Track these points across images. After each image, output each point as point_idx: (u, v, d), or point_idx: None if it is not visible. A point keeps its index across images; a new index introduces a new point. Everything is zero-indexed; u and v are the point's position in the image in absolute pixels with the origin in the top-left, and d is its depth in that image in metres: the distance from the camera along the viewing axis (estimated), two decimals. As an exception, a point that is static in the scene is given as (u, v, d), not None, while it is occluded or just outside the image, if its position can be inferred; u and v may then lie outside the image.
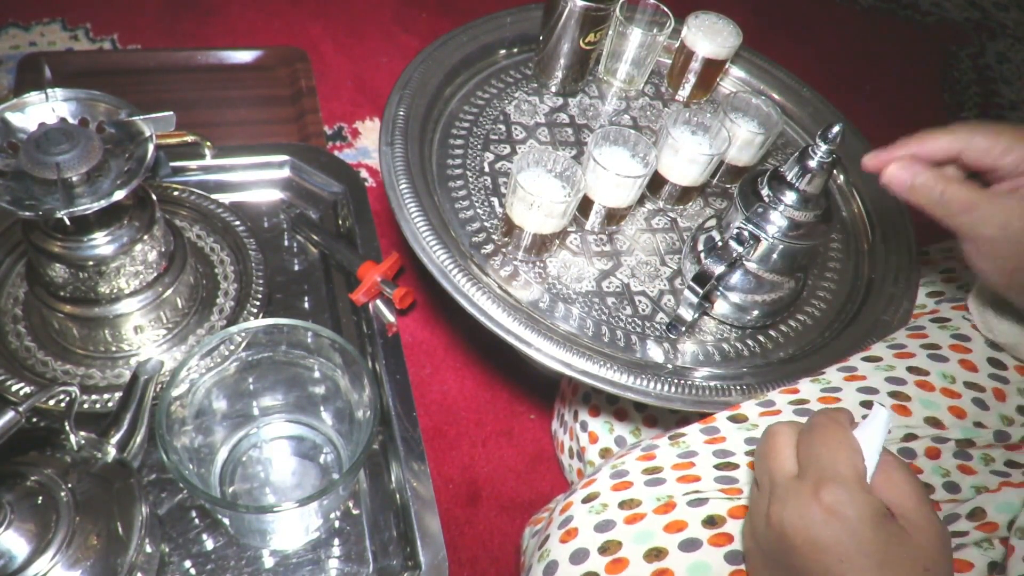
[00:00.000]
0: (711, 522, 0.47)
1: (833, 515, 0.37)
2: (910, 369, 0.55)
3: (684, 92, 0.82)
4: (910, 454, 0.51)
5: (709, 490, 0.50)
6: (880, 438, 0.40)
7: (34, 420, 0.63)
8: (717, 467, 0.51)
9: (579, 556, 0.47)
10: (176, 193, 0.78)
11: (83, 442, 0.53)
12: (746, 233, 0.58)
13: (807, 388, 0.55)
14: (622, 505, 0.49)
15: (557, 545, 0.49)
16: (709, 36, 0.77)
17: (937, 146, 0.49)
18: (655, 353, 0.62)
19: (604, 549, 0.47)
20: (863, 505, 0.37)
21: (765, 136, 0.70)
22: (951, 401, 0.53)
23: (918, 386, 0.54)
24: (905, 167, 0.49)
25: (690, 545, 0.46)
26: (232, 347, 0.60)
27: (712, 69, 0.79)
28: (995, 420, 0.53)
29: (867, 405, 0.53)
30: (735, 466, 0.51)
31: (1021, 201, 0.46)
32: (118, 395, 0.61)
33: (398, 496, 0.67)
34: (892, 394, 0.53)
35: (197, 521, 0.63)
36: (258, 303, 0.72)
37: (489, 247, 0.65)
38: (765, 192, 0.58)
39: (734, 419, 0.54)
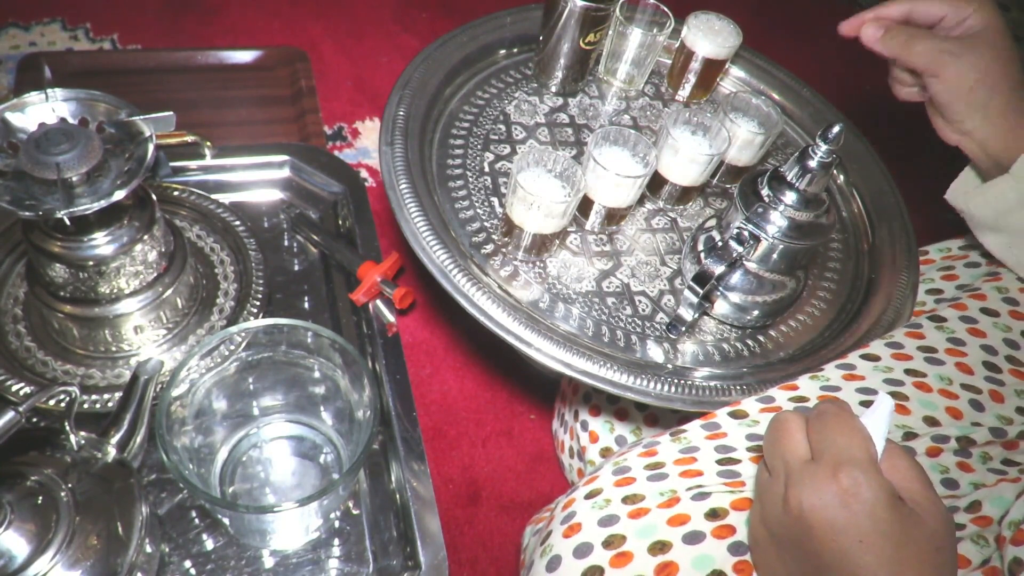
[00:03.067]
0: (714, 515, 0.48)
1: (852, 497, 0.38)
2: (908, 371, 0.56)
3: (684, 92, 0.82)
4: (910, 452, 0.51)
5: (712, 484, 0.50)
6: (885, 426, 0.41)
7: (34, 420, 0.63)
8: (719, 462, 0.51)
9: (583, 550, 0.47)
10: (176, 193, 0.78)
11: (83, 442, 0.53)
12: (746, 233, 0.58)
13: (806, 385, 0.55)
14: (626, 500, 0.49)
15: (560, 540, 0.49)
16: (709, 36, 0.76)
17: (894, 9, 0.63)
18: (655, 353, 0.62)
19: (608, 543, 0.47)
20: (879, 488, 0.38)
21: (765, 136, 0.70)
22: (948, 402, 0.54)
23: (916, 387, 0.55)
24: (876, 26, 0.62)
25: (693, 538, 0.47)
26: (232, 347, 0.60)
27: (712, 69, 0.79)
28: (992, 420, 0.54)
29: (866, 405, 0.53)
30: (737, 460, 0.51)
31: (961, 38, 0.59)
32: (118, 395, 0.61)
33: (398, 496, 0.67)
34: (891, 394, 0.54)
35: (197, 521, 0.63)
36: (258, 303, 0.72)
37: (489, 247, 0.65)
38: (765, 192, 0.58)
39: (734, 415, 0.54)
